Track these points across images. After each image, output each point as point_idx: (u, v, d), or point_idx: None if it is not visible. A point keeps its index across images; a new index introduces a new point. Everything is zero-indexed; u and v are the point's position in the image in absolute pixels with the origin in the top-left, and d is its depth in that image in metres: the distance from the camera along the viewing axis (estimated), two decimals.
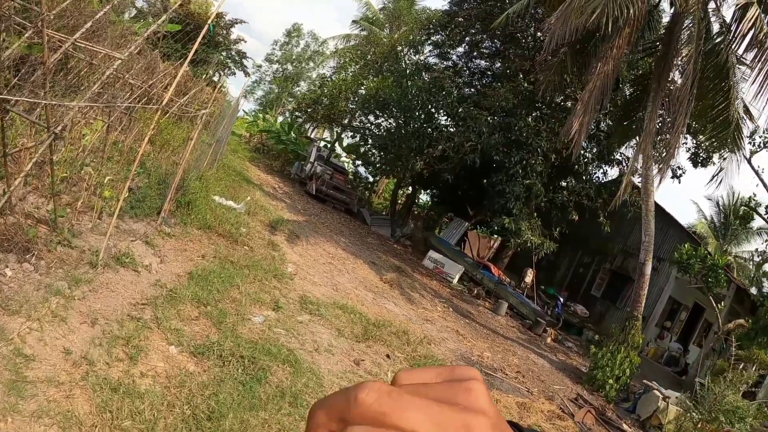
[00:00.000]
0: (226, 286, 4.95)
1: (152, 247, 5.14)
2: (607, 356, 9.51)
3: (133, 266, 4.39)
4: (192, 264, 5.35)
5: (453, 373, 0.30)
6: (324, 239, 11.24)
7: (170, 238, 5.81)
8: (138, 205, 6.15)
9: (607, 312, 15.84)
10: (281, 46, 35.02)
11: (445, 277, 14.31)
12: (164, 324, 3.63)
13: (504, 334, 10.86)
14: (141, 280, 4.28)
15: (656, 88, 9.28)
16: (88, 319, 3.24)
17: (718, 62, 9.58)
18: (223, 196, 9.44)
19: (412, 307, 9.10)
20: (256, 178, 15.97)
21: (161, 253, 5.17)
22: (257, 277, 5.78)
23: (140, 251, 4.90)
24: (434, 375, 0.30)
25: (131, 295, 3.90)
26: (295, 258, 8.01)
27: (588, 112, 8.38)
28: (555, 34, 7.73)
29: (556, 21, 7.83)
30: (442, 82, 13.85)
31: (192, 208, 7.00)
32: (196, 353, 3.46)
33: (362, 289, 8.37)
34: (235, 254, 6.39)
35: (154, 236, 5.54)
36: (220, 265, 5.71)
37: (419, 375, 0.30)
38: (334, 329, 5.28)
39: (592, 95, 8.45)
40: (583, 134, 8.41)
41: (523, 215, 12.34)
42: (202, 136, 7.21)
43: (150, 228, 5.72)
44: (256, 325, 4.41)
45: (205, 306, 4.32)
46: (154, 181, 6.98)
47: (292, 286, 6.19)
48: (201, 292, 4.50)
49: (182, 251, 5.63)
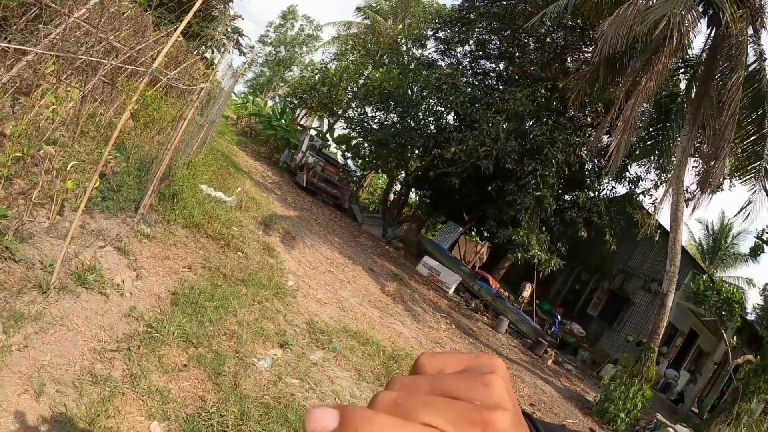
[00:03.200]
0: (220, 313, 3.88)
1: (126, 256, 4.01)
2: (620, 389, 9.03)
3: (100, 287, 3.28)
4: (176, 278, 4.24)
5: (475, 362, 0.29)
6: (319, 240, 10.22)
7: (149, 241, 4.66)
8: (112, 196, 4.96)
9: (603, 333, 15.39)
10: (276, 28, 33.23)
11: (440, 286, 13.53)
12: (142, 383, 2.56)
13: (508, 355, 10.23)
14: (110, 307, 3.17)
15: (694, 111, 8.58)
16: (30, 386, 2.15)
17: (754, 89, 8.99)
18: (212, 185, 8.25)
19: (418, 326, 8.26)
20: (245, 165, 14.68)
21: (137, 264, 4.04)
22: (256, 297, 4.72)
23: (111, 262, 3.77)
24: (456, 362, 0.30)
25: (96, 335, 2.80)
26: (294, 266, 6.95)
27: (628, 128, 7.62)
28: (608, 41, 6.91)
29: (608, 27, 7.01)
30: (454, 79, 12.89)
31: (177, 201, 5.83)
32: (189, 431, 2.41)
33: (367, 305, 7.41)
34: (227, 263, 5.29)
35: (129, 239, 4.39)
36: (211, 279, 4.61)
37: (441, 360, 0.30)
38: (353, 370, 4.30)
39: (633, 111, 7.68)
40: (622, 152, 7.66)
41: (533, 228, 11.59)
42: (195, 116, 6.02)
43: (125, 227, 4.56)
44: (263, 374, 3.37)
45: (196, 347, 3.25)
46: (134, 166, 5.77)
47: (296, 307, 5.16)
48: (189, 324, 3.43)
49: (164, 259, 4.50)
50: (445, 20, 16.72)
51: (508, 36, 14.79)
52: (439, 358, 0.30)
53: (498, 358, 0.31)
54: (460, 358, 0.30)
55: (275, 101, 28.72)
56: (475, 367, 0.29)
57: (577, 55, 14.56)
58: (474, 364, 0.30)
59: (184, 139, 5.47)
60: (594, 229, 13.75)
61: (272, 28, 33.17)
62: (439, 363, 0.30)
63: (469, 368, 0.29)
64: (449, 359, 0.30)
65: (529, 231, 11.27)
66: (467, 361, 0.30)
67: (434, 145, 12.72)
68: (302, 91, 17.20)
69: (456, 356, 0.30)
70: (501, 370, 0.29)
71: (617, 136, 7.54)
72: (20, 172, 4.15)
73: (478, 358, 0.30)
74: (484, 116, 11.72)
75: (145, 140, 6.40)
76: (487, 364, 0.29)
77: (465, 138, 11.08)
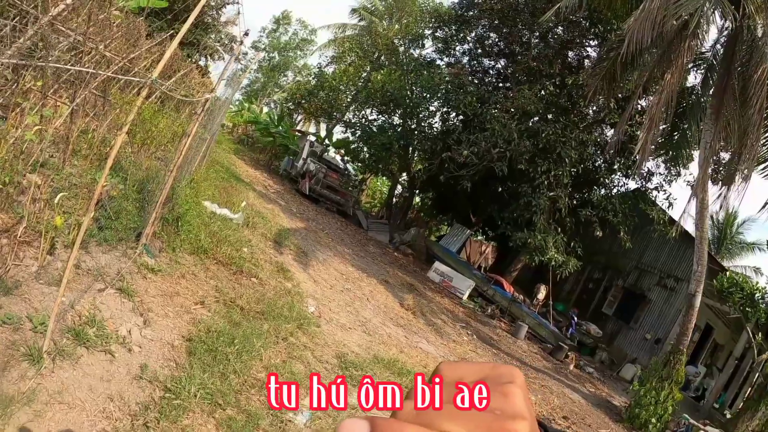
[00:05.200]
0: (243, 359, 3.36)
1: (130, 297, 3.47)
2: (651, 394, 8.72)
3: (104, 343, 2.75)
4: (189, 319, 3.71)
5: (493, 372, 0.30)
6: (330, 253, 9.74)
7: (155, 276, 4.13)
8: (110, 225, 4.41)
9: (619, 332, 14.97)
10: (268, 33, 32.53)
11: (453, 292, 13.06)
12: None
13: (531, 363, 9.83)
14: (117, 369, 2.64)
15: (716, 106, 8.13)
16: None
17: None
18: (216, 201, 7.72)
19: (442, 341, 7.80)
20: (245, 175, 14.15)
21: (144, 306, 3.51)
22: (279, 332, 4.19)
23: (113, 308, 3.24)
24: (475, 372, 0.31)
25: (104, 410, 2.28)
26: (311, 287, 6.42)
27: (653, 126, 7.16)
28: (634, 36, 6.46)
29: (634, 22, 6.56)
30: (461, 78, 12.41)
31: (181, 224, 5.29)
32: None
33: (390, 323, 6.92)
34: (242, 293, 4.76)
35: (132, 275, 3.86)
36: (228, 315, 4.08)
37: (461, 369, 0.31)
38: None
39: (658, 108, 7.24)
40: (648, 151, 7.21)
41: (550, 231, 11.13)
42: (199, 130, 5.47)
43: (126, 261, 4.02)
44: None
45: (224, 408, 2.73)
46: (132, 188, 5.22)
47: (322, 339, 4.64)
48: (212, 379, 2.90)
49: (173, 296, 3.97)
50: (444, 19, 16.24)
51: (510, 32, 14.32)
52: (459, 367, 0.31)
53: (515, 368, 0.31)
54: (479, 367, 0.31)
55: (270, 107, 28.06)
56: (494, 377, 0.30)
57: (580, 50, 14.14)
58: (492, 373, 0.30)
59: (187, 156, 4.94)
60: (607, 227, 13.34)
61: (265, 34, 32.55)
62: (459, 372, 0.31)
63: (488, 378, 0.30)
64: (468, 368, 0.31)
65: (546, 234, 10.81)
66: (486, 370, 0.31)
67: (442, 148, 12.23)
68: (300, 97, 16.63)
69: (475, 366, 0.31)
70: (519, 380, 0.30)
71: (642, 134, 7.10)
72: (2, 204, 3.61)
73: (496, 368, 0.31)
74: (495, 116, 11.24)
75: (144, 158, 5.85)
76: (505, 374, 0.30)
77: (477, 140, 10.58)
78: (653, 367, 9.23)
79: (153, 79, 2.94)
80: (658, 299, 14.53)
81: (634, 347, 14.22)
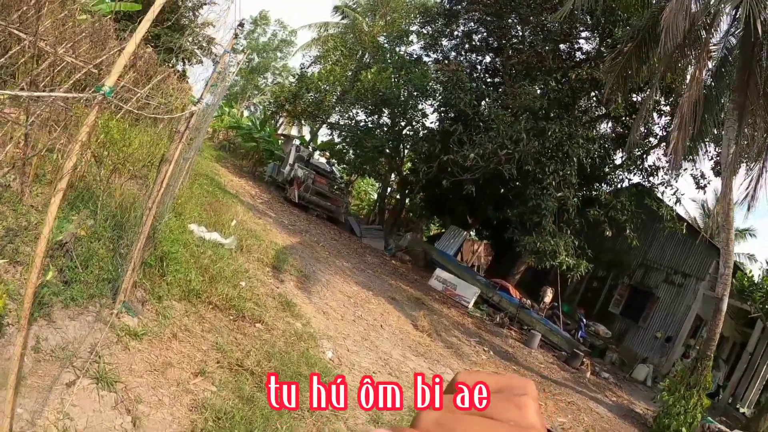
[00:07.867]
0: None
1: (111, 387, 2.60)
2: (680, 403, 8.34)
3: None
4: (190, 402, 2.86)
5: (508, 384, 0.32)
6: (331, 270, 8.95)
7: (140, 342, 3.24)
8: (77, 276, 3.50)
9: (628, 331, 14.60)
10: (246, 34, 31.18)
11: (459, 301, 12.41)
12: None
13: (550, 376, 9.31)
14: None
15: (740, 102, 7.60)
16: None
17: None
18: (204, 223, 6.79)
19: (463, 363, 7.18)
20: (230, 185, 13.14)
21: (130, 395, 2.64)
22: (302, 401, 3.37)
23: (89, 409, 2.37)
24: (492, 382, 0.32)
25: None
26: (322, 323, 5.59)
27: (684, 125, 6.59)
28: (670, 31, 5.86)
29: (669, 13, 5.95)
30: (458, 74, 11.70)
31: (167, 265, 4.39)
32: None
33: (411, 354, 6.18)
34: (248, 348, 3.91)
35: (111, 348, 2.97)
36: (236, 386, 3.24)
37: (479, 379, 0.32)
38: None
39: (688, 105, 6.66)
40: (680, 151, 6.64)
41: (559, 234, 10.55)
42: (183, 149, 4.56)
43: (102, 327, 3.13)
44: None
45: None
46: (104, 224, 4.28)
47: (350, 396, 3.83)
48: None
49: (166, 369, 3.10)
50: (431, 13, 15.49)
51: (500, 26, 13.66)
52: (476, 377, 0.32)
53: (528, 380, 0.32)
54: (495, 379, 0.32)
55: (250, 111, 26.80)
56: (509, 388, 0.31)
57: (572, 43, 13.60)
58: (507, 385, 0.32)
59: (169, 184, 4.05)
60: (614, 225, 12.88)
61: (243, 35, 31.13)
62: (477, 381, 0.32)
63: (503, 389, 0.31)
64: (485, 378, 0.32)
65: (557, 237, 10.22)
66: (501, 381, 0.32)
67: (441, 149, 11.50)
68: (285, 99, 15.65)
69: (492, 376, 0.32)
70: (532, 392, 0.31)
71: (674, 133, 6.55)
72: None
73: (511, 379, 0.32)
74: (500, 115, 10.55)
75: (116, 184, 4.91)
76: (519, 386, 0.32)
77: (481, 141, 9.88)
78: (680, 373, 8.84)
79: (102, 87, 2.09)
80: (666, 296, 14.21)
81: (644, 347, 13.87)
